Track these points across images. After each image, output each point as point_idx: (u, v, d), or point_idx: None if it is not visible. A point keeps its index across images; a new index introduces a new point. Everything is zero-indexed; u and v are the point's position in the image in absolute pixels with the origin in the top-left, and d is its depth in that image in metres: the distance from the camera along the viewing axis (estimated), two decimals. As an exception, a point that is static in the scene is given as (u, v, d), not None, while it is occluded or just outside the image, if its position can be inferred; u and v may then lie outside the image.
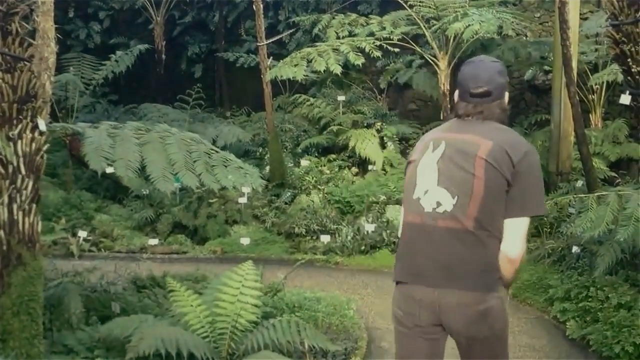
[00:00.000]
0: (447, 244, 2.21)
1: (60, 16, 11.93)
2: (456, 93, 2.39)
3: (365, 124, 9.29)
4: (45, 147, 3.05)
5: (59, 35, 5.28)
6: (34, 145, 2.95)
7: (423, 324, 2.28)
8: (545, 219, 6.53)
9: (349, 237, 7.08)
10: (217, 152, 4.14)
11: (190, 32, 12.06)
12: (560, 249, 5.91)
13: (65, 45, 11.79)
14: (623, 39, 4.51)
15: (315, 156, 9.08)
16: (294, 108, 10.11)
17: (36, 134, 2.97)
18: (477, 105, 2.31)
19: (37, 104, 3.03)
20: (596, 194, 4.43)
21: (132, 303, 4.49)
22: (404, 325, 2.33)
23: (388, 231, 7.00)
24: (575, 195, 5.00)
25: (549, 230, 6.59)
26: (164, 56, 11.08)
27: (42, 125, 2.98)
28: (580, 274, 5.24)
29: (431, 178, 2.26)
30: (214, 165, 4.02)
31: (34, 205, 2.92)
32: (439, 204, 2.23)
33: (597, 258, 4.98)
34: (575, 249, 5.57)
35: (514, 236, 2.22)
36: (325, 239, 7.18)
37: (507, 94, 2.39)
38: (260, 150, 9.35)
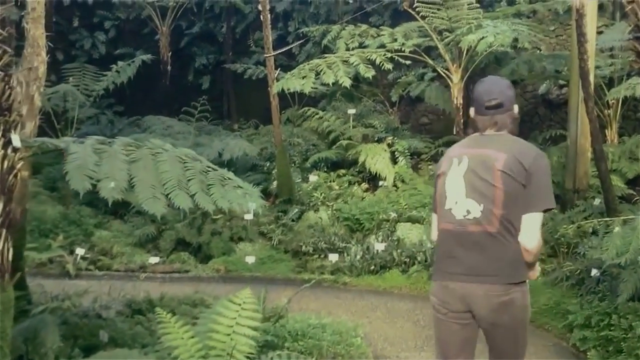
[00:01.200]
0: (476, 246, 2.57)
1: (65, 25, 11.84)
2: (471, 110, 2.75)
3: (376, 138, 9.03)
4: (19, 165, 2.80)
5: (49, 44, 5.05)
6: (6, 163, 2.70)
7: (455, 311, 2.65)
8: (562, 238, 6.20)
9: (358, 257, 6.79)
10: (214, 169, 3.87)
11: (198, 43, 11.92)
12: (578, 271, 5.59)
13: (70, 55, 11.70)
14: (648, 52, 4.24)
15: (325, 171, 8.83)
16: (304, 121, 9.87)
17: (9, 150, 2.71)
18: (492, 117, 2.66)
19: (10, 117, 2.78)
20: (622, 218, 4.11)
21: (122, 331, 4.24)
22: (440, 312, 2.71)
23: (399, 250, 6.71)
24: (599, 220, 4.67)
25: (566, 250, 6.27)
26: (169, 67, 10.94)
27: (16, 141, 2.73)
28: (601, 300, 4.94)
29: (460, 190, 2.62)
30: (210, 185, 3.74)
31: (4, 231, 2.66)
32: (468, 212, 2.60)
33: (619, 283, 4.67)
34: (594, 272, 5.27)
35: (529, 229, 2.58)
36: (333, 257, 6.92)
37: (516, 106, 2.74)
38: (268, 165, 9.11)
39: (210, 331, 3.31)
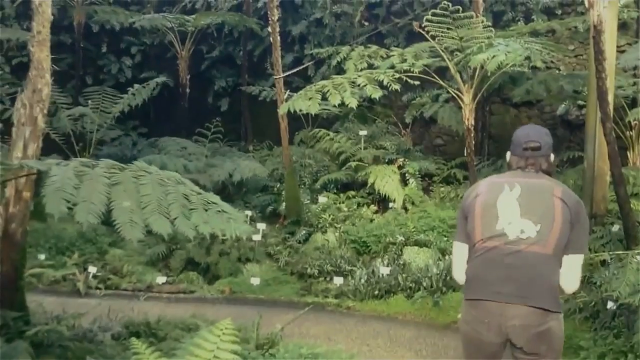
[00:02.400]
0: (529, 264, 2.46)
1: (94, 51, 11.96)
2: (508, 153, 2.76)
3: (386, 160, 8.68)
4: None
5: (54, 66, 4.93)
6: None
7: (487, 341, 2.55)
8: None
9: (363, 280, 6.42)
10: (198, 193, 3.63)
11: (218, 67, 11.84)
12: (593, 303, 5.10)
13: (98, 79, 11.80)
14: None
15: (334, 192, 8.50)
16: (316, 143, 9.61)
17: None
18: (529, 158, 2.65)
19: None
20: (637, 252, 3.67)
21: (111, 356, 4.02)
22: (470, 340, 2.64)
23: (404, 275, 6.31)
24: (612, 253, 4.24)
25: (581, 278, 5.78)
26: (188, 90, 10.85)
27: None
28: (617, 336, 4.45)
29: (514, 212, 2.52)
30: (192, 209, 3.50)
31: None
32: (522, 232, 2.49)
33: (637, 319, 4.21)
34: (610, 304, 4.78)
35: (572, 270, 2.52)
36: (338, 281, 6.58)
37: (553, 155, 2.73)
38: (278, 186, 8.83)
39: (188, 364, 3.05)
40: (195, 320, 4.98)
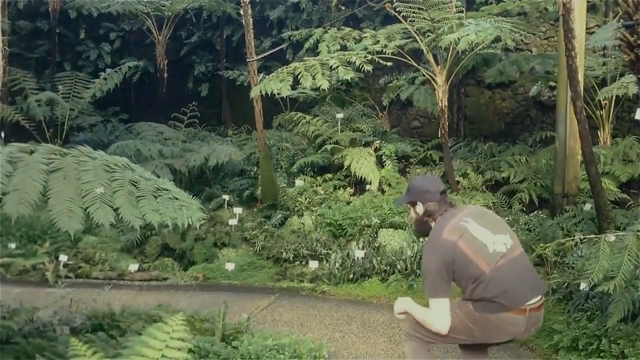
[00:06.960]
0: (526, 264, 2.83)
1: (72, 37, 11.33)
2: (424, 205, 2.95)
3: (363, 142, 8.25)
4: None
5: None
6: None
7: (511, 332, 2.79)
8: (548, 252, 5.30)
9: (337, 264, 6.02)
10: (148, 179, 3.19)
11: (197, 52, 11.27)
12: (566, 284, 4.76)
13: (77, 65, 11.18)
14: (639, 41, 3.43)
15: (311, 176, 8.06)
16: (294, 126, 9.13)
17: None
18: (444, 199, 2.98)
19: None
20: (611, 235, 3.29)
21: (63, 354, 3.59)
22: (497, 327, 2.76)
23: (379, 258, 5.92)
24: (583, 238, 3.87)
25: (554, 260, 5.44)
26: (166, 75, 10.28)
27: None
28: (590, 319, 4.11)
29: (487, 234, 2.77)
30: (140, 197, 3.06)
31: None
32: (505, 244, 2.79)
33: (609, 303, 3.86)
34: (583, 286, 4.43)
35: None
36: (313, 264, 6.17)
37: None
38: (255, 170, 8.36)
39: (134, 363, 2.63)
40: (159, 311, 4.55)
